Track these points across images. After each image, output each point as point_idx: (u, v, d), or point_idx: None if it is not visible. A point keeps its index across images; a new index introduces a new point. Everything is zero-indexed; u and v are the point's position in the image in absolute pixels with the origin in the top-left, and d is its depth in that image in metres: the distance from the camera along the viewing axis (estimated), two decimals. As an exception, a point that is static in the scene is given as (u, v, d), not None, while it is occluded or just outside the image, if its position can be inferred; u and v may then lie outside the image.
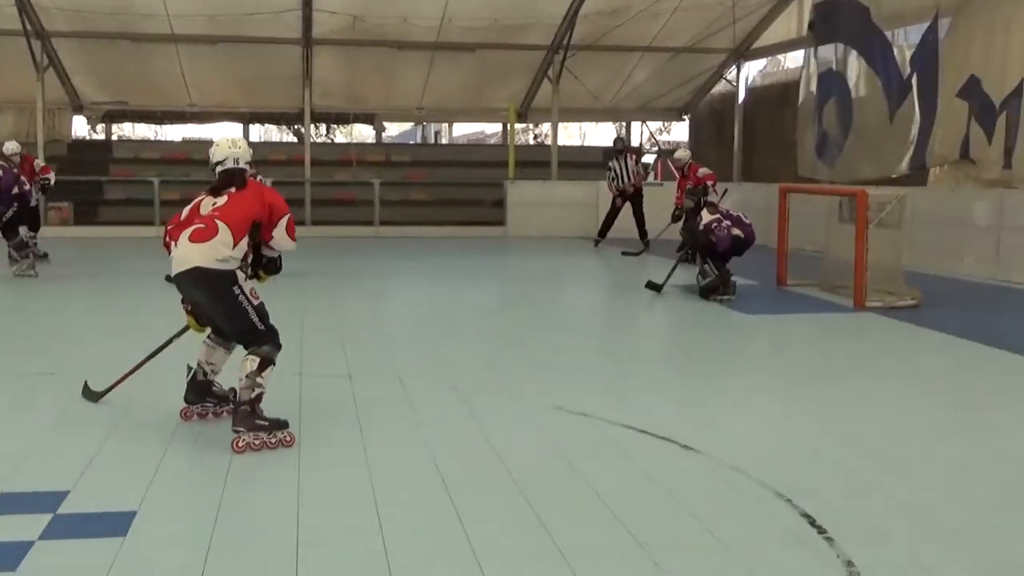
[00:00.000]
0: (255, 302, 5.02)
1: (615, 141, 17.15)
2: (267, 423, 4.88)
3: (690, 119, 23.04)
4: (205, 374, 5.38)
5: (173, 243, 5.03)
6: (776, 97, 19.20)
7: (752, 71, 20.45)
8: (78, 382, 5.96)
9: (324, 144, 26.69)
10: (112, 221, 19.28)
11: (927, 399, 6.18)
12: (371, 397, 5.91)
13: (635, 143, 24.87)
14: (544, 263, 14.65)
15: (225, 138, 5.46)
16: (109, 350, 7.36)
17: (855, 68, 15.32)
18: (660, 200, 15.37)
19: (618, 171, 16.05)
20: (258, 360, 4.91)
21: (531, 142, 30.18)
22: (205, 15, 17.63)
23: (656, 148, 24.70)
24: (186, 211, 5.15)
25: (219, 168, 5.24)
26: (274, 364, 5.00)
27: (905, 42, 14.08)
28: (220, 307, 5.05)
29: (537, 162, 20.15)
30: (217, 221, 4.95)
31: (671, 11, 17.64)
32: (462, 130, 37.41)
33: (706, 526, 3.84)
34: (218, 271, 4.90)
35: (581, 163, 21.10)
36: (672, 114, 23.16)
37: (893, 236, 9.91)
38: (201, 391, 5.39)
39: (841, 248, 10.26)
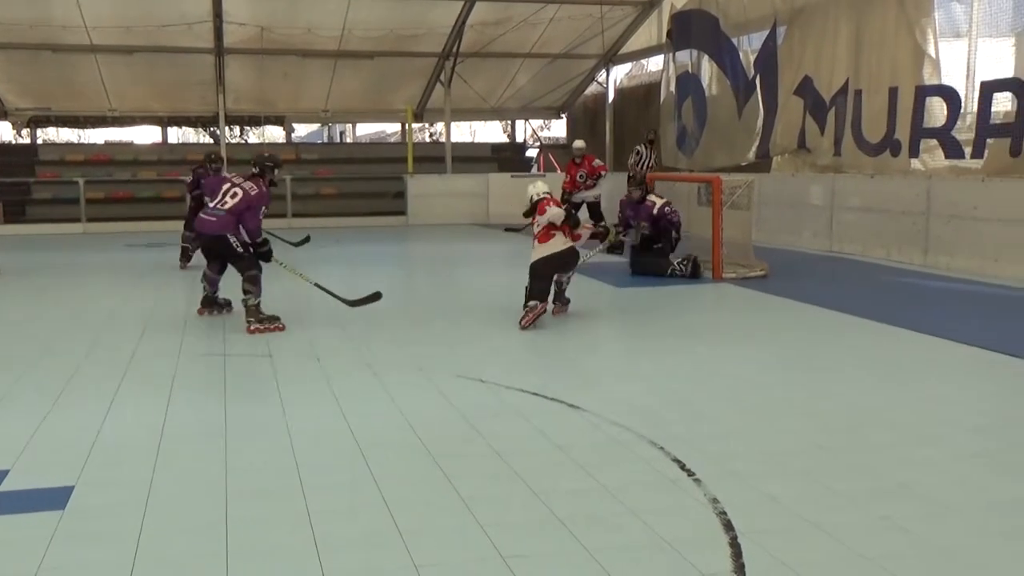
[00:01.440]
0: None
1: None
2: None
3: (567, 117, 23.26)
4: None
5: None
6: (641, 96, 19.48)
7: (619, 74, 20.72)
8: (12, 368, 5.72)
9: (239, 144, 26.03)
10: (40, 219, 18.52)
11: (776, 356, 6.37)
12: (291, 374, 5.82)
13: (520, 139, 25.01)
14: (441, 247, 14.61)
15: None
16: (38, 337, 7.10)
17: (708, 70, 15.63)
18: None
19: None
20: None
21: (427, 140, 29.97)
22: (121, 27, 16.99)
23: (538, 143, 24.86)
24: None
25: None
26: None
27: (749, 47, 14.41)
28: None
29: (433, 157, 20.15)
30: None
31: (547, 21, 17.78)
32: (364, 130, 36.97)
33: (593, 475, 3.89)
34: None
35: (472, 158, 21.18)
36: (551, 112, 23.33)
37: (744, 216, 10.18)
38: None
39: (700, 228, 10.49)
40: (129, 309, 8.46)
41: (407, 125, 20.43)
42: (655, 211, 10.17)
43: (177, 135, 29.98)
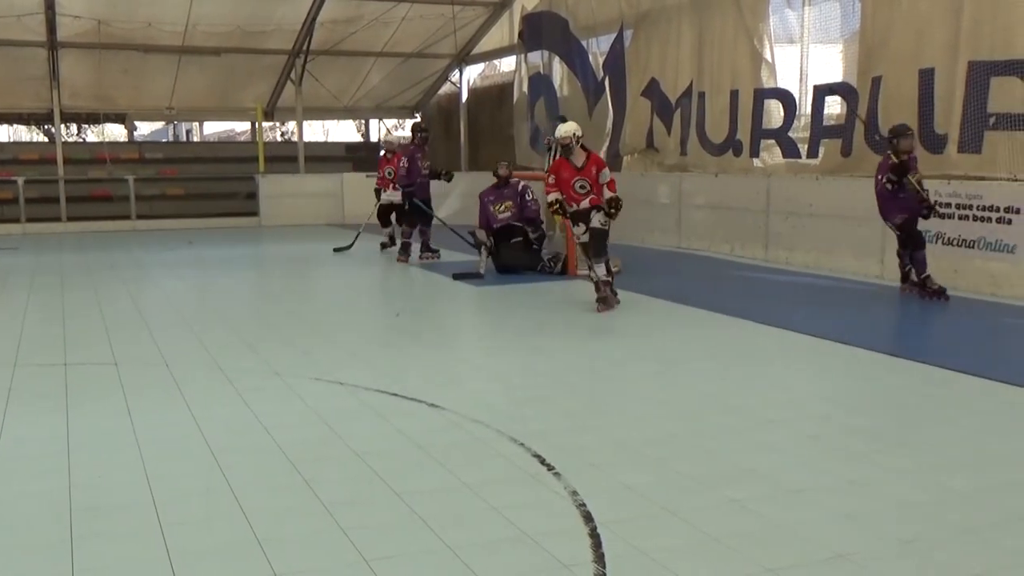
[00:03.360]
0: None
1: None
2: None
3: (421, 116, 23.18)
4: None
5: None
6: (495, 96, 19.64)
7: (472, 74, 20.81)
8: None
9: (76, 143, 24.74)
10: None
11: (628, 349, 6.55)
12: (138, 382, 5.58)
13: (374, 138, 24.74)
14: (295, 248, 14.32)
15: None
16: None
17: (559, 71, 15.90)
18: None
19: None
20: None
21: (279, 139, 29.28)
22: (-57, 17, 15.87)
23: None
24: None
25: None
26: None
27: (598, 49, 14.72)
28: None
29: (285, 157, 19.75)
30: None
31: (399, 20, 17.66)
32: (212, 128, 35.75)
33: (454, 473, 3.90)
34: None
35: (326, 157, 20.83)
36: (405, 112, 23.19)
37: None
38: None
39: (555, 226, 10.66)
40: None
41: (257, 124, 19.92)
42: (520, 189, 10.28)
43: (8, 133, 28.22)
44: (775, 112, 11.24)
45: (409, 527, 3.35)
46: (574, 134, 8.05)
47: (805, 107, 11.01)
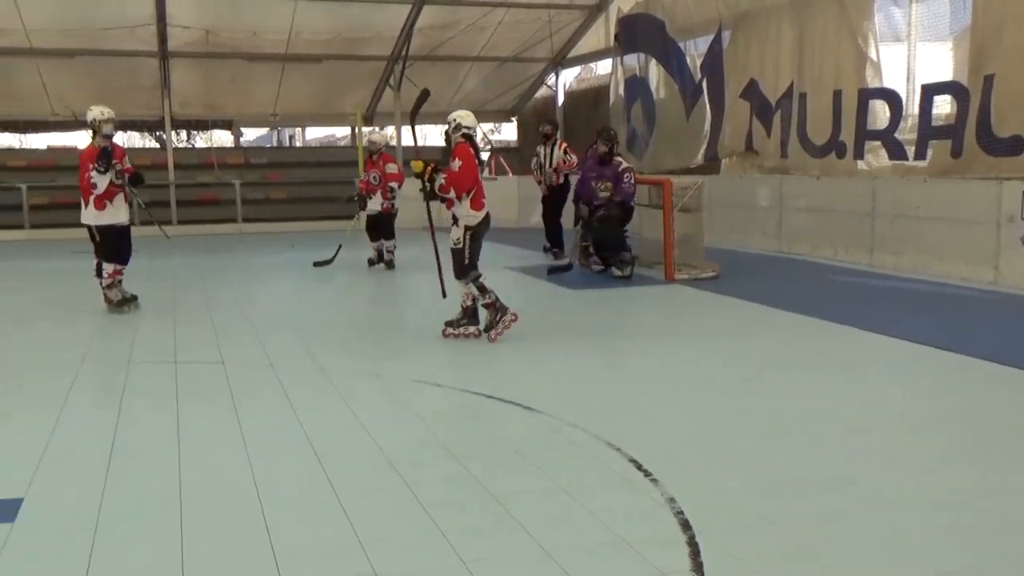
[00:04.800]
0: None
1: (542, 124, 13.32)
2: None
3: (517, 120, 23.29)
4: None
5: None
6: (591, 99, 19.59)
7: (568, 77, 20.82)
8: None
9: (186, 149, 25.66)
10: (-19, 226, 18.08)
11: (726, 354, 6.45)
12: (244, 381, 5.76)
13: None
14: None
15: None
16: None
17: (656, 74, 15.76)
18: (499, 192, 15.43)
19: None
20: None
21: (377, 143, 29.76)
22: (62, 30, 16.65)
23: (489, 147, 24.85)
24: None
25: None
26: None
27: (696, 51, 14.54)
28: None
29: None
30: None
31: (496, 25, 17.80)
32: (314, 133, 36.61)
33: (550, 476, 3.91)
34: None
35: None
36: (502, 116, 23.34)
37: (694, 218, 10.29)
38: None
39: (652, 229, 10.57)
40: (76, 316, 8.29)
41: (356, 129, 20.32)
42: (620, 170, 10.21)
43: (122, 139, 29.48)
44: (880, 112, 10.91)
45: (506, 530, 3.38)
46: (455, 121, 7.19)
47: (912, 107, 10.65)
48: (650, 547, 3.18)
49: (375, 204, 11.90)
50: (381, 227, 11.98)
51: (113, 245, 8.36)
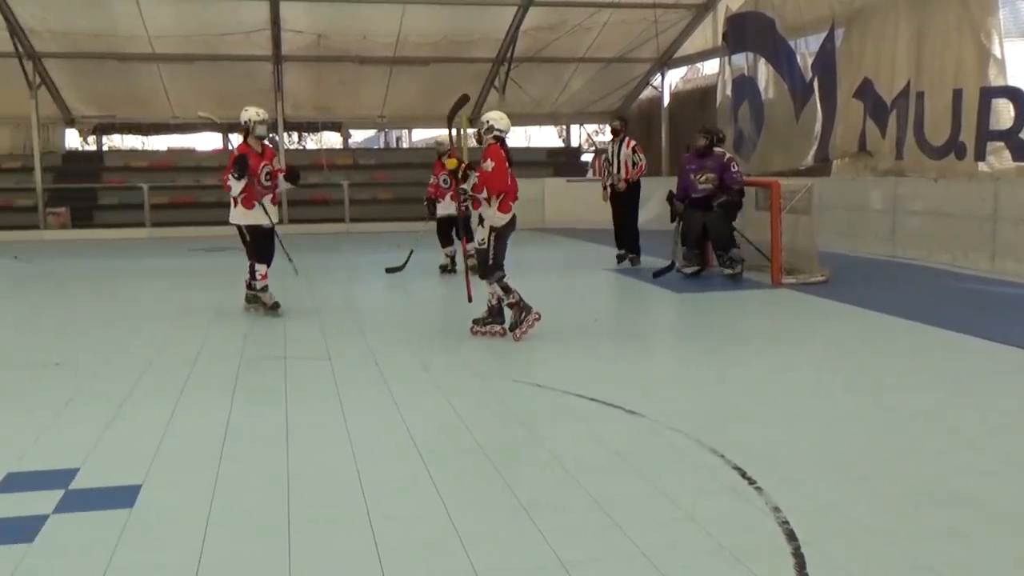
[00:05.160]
0: None
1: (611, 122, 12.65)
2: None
3: (621, 119, 23.18)
4: None
5: None
6: (697, 100, 19.33)
7: (674, 77, 20.60)
8: (80, 371, 5.88)
9: (297, 150, 26.39)
10: (106, 224, 19.00)
11: (836, 362, 6.28)
12: (350, 377, 5.88)
13: (575, 143, 24.90)
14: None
15: None
16: (104, 341, 7.27)
17: (764, 73, 15.45)
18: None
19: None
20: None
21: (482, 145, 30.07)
22: (182, 35, 17.36)
23: (593, 147, 24.80)
24: None
25: None
26: None
27: (807, 50, 14.20)
28: None
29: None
30: None
31: (601, 26, 17.74)
32: (420, 135, 37.19)
33: (652, 481, 3.87)
34: None
35: (527, 162, 21.17)
36: (606, 117, 23.22)
37: (803, 221, 10.03)
38: None
39: (759, 232, 10.37)
40: (192, 312, 8.62)
41: (461, 131, 20.56)
42: (725, 160, 10.04)
43: (237, 141, 30.56)
44: (1004, 112, 10.43)
45: (606, 532, 3.36)
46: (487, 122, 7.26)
47: (1039, 106, 10.17)
48: (753, 557, 3.12)
49: (447, 208, 11.16)
50: (458, 231, 10.89)
51: (262, 246, 8.23)
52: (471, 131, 7.87)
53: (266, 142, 8.47)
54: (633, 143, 11.82)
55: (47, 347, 7.23)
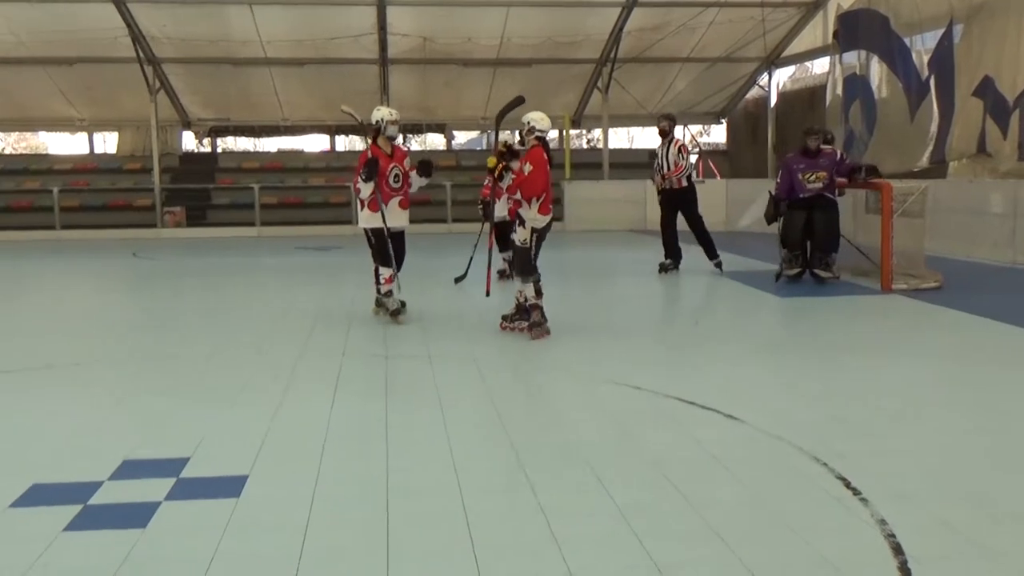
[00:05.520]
0: None
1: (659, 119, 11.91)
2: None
3: (727, 122, 22.81)
4: None
5: None
6: (805, 100, 18.89)
7: (782, 77, 20.19)
8: (193, 364, 6.10)
9: (401, 152, 26.85)
10: (219, 223, 19.70)
11: (947, 372, 6.05)
12: (448, 375, 5.96)
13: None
14: (597, 254, 14.60)
15: None
16: (215, 335, 7.53)
17: (877, 72, 15.00)
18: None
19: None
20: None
21: (584, 146, 30.02)
22: (293, 40, 17.87)
23: (697, 149, 24.49)
24: None
25: None
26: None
27: (923, 47, 13.74)
28: None
29: (590, 164, 20.20)
30: None
31: (707, 25, 17.51)
32: (522, 136, 37.33)
33: (751, 488, 3.81)
34: None
35: (629, 164, 21.05)
36: (710, 118, 22.93)
37: (916, 224, 9.68)
38: None
39: (868, 236, 10.06)
40: (299, 309, 8.87)
41: (564, 132, 20.55)
42: (837, 156, 9.83)
43: (344, 143, 31.20)
44: None
45: (702, 537, 3.32)
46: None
47: None
48: (855, 569, 3.03)
49: (502, 209, 10.34)
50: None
51: (384, 250, 7.93)
52: (574, 132, 7.85)
53: (397, 142, 8.16)
54: (680, 144, 11.30)
55: (163, 340, 7.54)
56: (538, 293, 7.22)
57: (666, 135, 11.31)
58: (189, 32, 17.54)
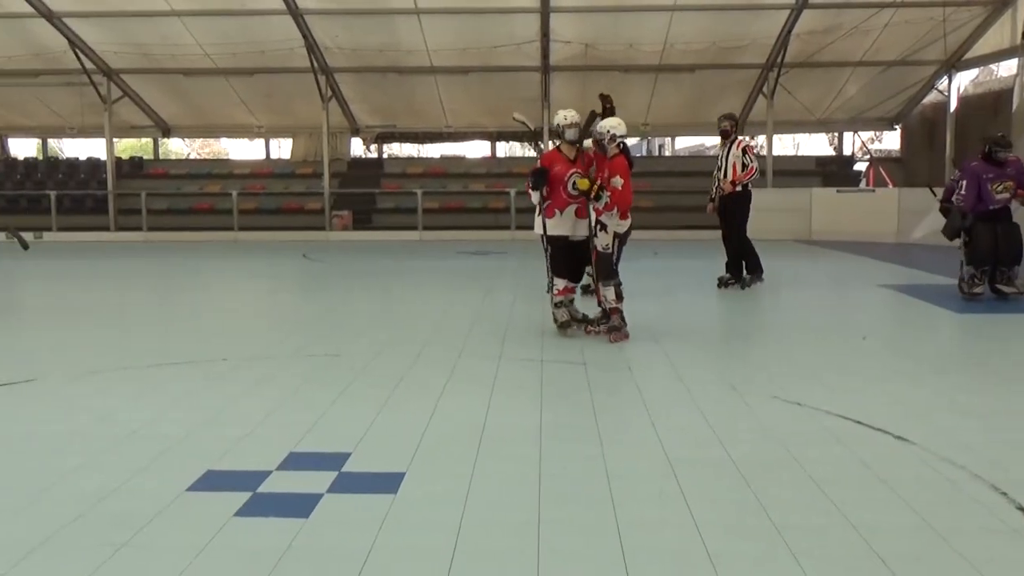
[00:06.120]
0: None
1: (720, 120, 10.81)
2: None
3: (901, 128, 21.78)
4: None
5: None
6: (988, 105, 17.82)
7: (964, 81, 19.11)
8: (355, 362, 6.32)
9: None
10: (383, 227, 20.38)
11: None
12: (603, 382, 5.94)
13: (847, 152, 23.71)
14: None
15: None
16: (378, 334, 7.78)
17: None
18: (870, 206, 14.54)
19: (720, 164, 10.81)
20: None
21: (746, 152, 29.37)
22: (458, 49, 18.30)
23: (868, 156, 23.48)
24: None
25: None
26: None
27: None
28: None
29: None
30: None
31: (881, 27, 16.78)
32: (683, 143, 36.96)
33: (921, 514, 3.60)
34: None
35: (794, 171, 20.47)
36: (883, 124, 21.97)
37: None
38: None
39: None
40: (458, 312, 9.06)
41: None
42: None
43: (504, 149, 31.68)
44: None
45: (864, 563, 3.17)
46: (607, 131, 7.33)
47: None
48: (1038, 607, 2.83)
49: (583, 228, 9.62)
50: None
51: (557, 259, 7.63)
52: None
53: (586, 148, 7.73)
54: (745, 143, 10.61)
55: (329, 338, 7.85)
56: (618, 297, 7.34)
57: (728, 136, 10.66)
58: (359, 42, 18.25)
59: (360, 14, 17.51)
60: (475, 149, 27.16)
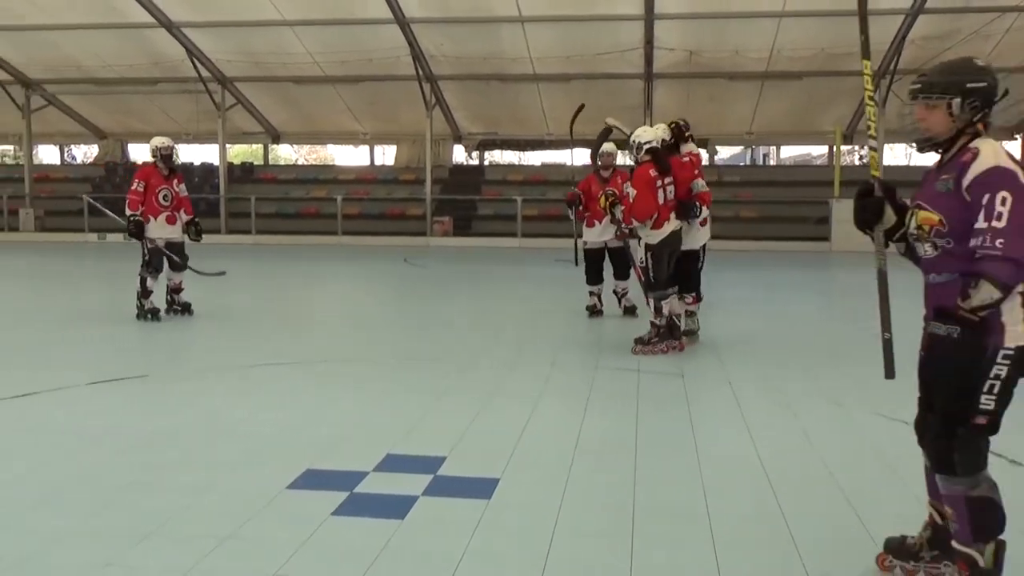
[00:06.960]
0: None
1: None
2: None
3: (1022, 137, 20.90)
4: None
5: None
6: (1119, 113, 16.94)
7: (1094, 88, 18.16)
8: (453, 367, 6.39)
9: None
10: (482, 233, 20.56)
11: None
12: (701, 394, 5.86)
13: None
14: (864, 278, 13.79)
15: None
16: (476, 341, 7.85)
17: None
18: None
19: None
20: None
21: (856, 163, 28.57)
22: (562, 56, 18.34)
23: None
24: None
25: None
26: None
27: None
28: None
29: (861, 181, 19.08)
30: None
31: (1003, 32, 16.13)
32: (789, 152, 36.14)
33: (1034, 541, 3.45)
34: None
35: (906, 182, 19.76)
36: (1004, 133, 21.08)
37: None
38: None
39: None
40: (552, 320, 9.07)
41: (835, 147, 19.68)
42: None
43: (582, 160, 31.63)
44: None
45: (974, 592, 3.05)
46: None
47: None
48: None
49: (599, 235, 9.04)
50: (614, 264, 9.08)
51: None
52: (845, 147, 7.48)
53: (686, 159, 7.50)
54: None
55: (428, 343, 7.97)
56: (657, 311, 7.22)
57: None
58: (463, 50, 18.47)
59: (465, 23, 17.73)
60: (577, 157, 27.14)
